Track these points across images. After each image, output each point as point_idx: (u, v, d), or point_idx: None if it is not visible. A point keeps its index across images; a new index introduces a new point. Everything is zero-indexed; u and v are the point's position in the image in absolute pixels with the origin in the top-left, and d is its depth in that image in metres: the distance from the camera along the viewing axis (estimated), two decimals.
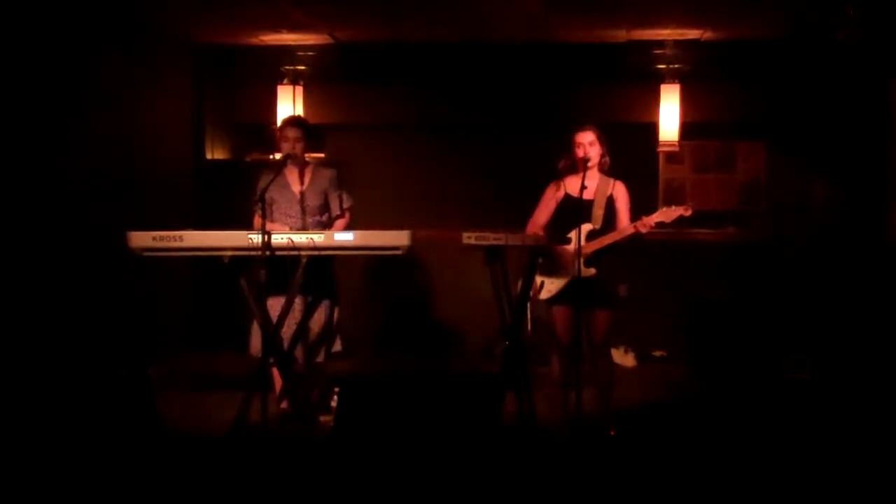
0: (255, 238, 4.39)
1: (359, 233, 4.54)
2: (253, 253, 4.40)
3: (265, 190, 4.74)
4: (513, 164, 7.31)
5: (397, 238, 4.46)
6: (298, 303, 4.93)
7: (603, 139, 4.77)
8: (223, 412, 4.86)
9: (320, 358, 5.20)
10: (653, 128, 7.15)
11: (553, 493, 3.98)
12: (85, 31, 5.97)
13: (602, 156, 4.77)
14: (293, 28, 6.83)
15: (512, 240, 4.54)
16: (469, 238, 4.51)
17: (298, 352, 4.99)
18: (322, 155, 7.01)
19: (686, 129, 7.12)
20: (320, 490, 3.94)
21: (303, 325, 4.98)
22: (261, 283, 4.38)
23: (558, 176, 4.87)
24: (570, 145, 4.79)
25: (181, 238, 4.47)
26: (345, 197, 5.28)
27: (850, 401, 5.42)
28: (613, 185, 4.83)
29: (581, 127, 4.79)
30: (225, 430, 4.51)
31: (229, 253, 4.49)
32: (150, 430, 4.35)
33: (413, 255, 5.36)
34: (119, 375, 4.55)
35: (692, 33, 6.95)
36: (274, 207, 5.11)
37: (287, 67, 7.35)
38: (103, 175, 6.15)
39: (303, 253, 4.49)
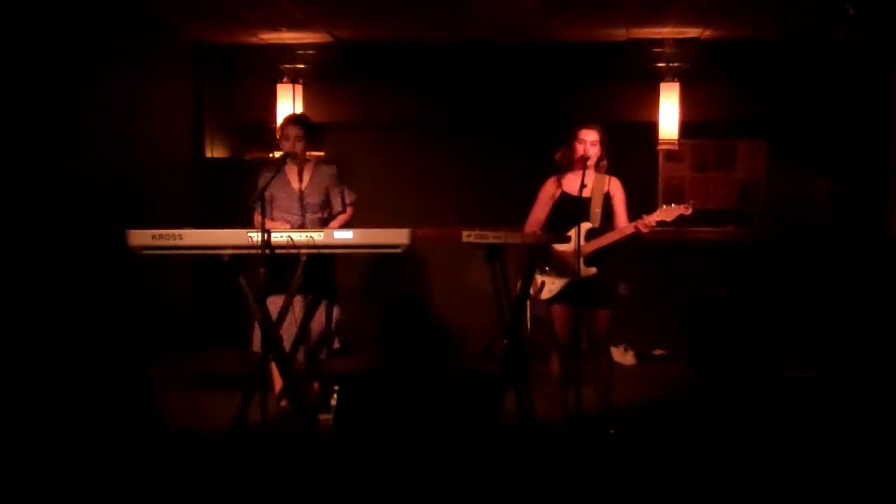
0: (255, 236, 4.38)
1: (358, 231, 4.52)
2: (253, 251, 4.40)
3: (265, 188, 4.73)
4: (512, 162, 7.31)
5: (397, 236, 4.44)
6: (298, 301, 4.93)
7: (605, 141, 4.76)
8: (223, 411, 4.86)
9: (320, 356, 5.20)
10: (652, 126, 7.15)
11: (552, 492, 3.98)
12: (85, 30, 5.96)
13: (601, 158, 4.76)
14: (293, 27, 6.83)
15: (512, 238, 4.53)
16: (469, 236, 4.50)
17: (298, 350, 4.99)
18: (322, 153, 7.00)
19: (686, 127, 7.12)
20: (320, 489, 3.94)
21: (303, 324, 4.97)
22: (261, 282, 4.38)
23: (555, 169, 4.87)
24: (570, 139, 4.78)
25: (181, 236, 4.45)
26: (347, 192, 5.29)
27: (851, 400, 5.42)
28: (609, 182, 4.82)
29: (587, 124, 4.77)
30: (225, 429, 4.50)
31: (229, 251, 4.47)
32: (149, 429, 4.35)
33: (413, 254, 5.35)
34: (118, 375, 4.54)
35: (692, 32, 6.95)
36: (274, 205, 5.12)
37: (287, 66, 7.36)
38: (103, 174, 6.15)
39: (302, 251, 4.49)
